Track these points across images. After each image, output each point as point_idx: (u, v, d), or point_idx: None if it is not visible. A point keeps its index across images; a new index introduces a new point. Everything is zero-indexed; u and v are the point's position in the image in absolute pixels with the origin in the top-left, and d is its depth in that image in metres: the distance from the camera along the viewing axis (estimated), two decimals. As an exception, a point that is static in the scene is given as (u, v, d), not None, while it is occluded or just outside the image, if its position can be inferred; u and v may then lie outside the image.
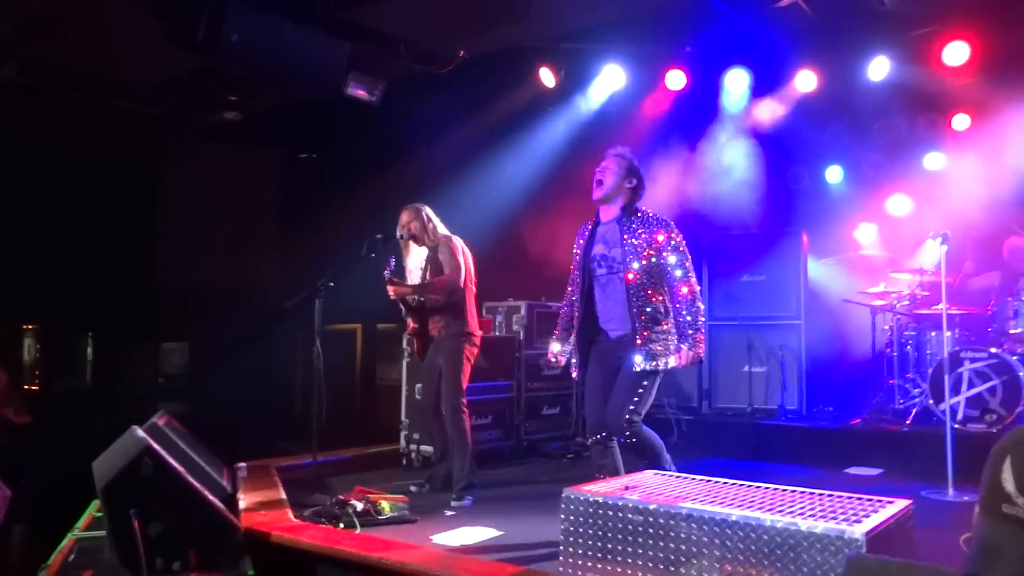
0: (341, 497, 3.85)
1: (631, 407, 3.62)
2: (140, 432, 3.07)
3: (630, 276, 3.66)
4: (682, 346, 3.66)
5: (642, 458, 3.73)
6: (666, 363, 3.65)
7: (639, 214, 3.78)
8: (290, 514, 3.74)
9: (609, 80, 7.05)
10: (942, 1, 5.98)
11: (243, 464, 4.44)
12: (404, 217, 4.77)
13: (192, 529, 2.95)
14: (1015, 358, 5.45)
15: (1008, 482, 1.00)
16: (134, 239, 7.57)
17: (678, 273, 3.69)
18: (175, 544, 2.88)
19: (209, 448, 4.21)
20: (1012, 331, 5.72)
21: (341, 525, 3.62)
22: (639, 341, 3.62)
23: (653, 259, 3.67)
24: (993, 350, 5.52)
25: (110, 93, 7.05)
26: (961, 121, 7.09)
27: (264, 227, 7.89)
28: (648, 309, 3.65)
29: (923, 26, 6.21)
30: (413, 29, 6.57)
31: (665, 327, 3.68)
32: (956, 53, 6.21)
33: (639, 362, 3.61)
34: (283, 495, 4.09)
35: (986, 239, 6.60)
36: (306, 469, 4.58)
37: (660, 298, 3.70)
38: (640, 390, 3.64)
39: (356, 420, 6.81)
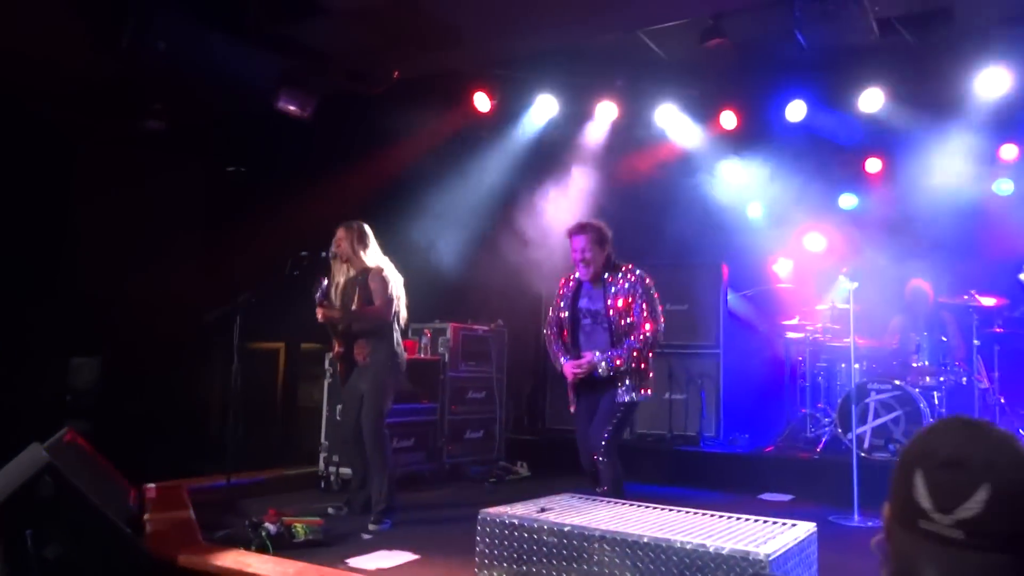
0: (254, 519, 3.75)
1: (609, 429, 4.13)
2: (41, 450, 2.94)
3: (613, 327, 4.18)
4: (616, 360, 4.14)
5: (599, 485, 4.10)
6: (645, 395, 4.22)
7: (618, 270, 4.26)
8: (200, 537, 3.62)
9: (543, 109, 7.18)
10: (858, 50, 6.31)
11: (152, 485, 4.29)
12: (339, 234, 4.72)
13: (94, 553, 2.84)
14: (917, 390, 5.73)
15: (923, 498, 1.00)
16: (44, 247, 7.25)
17: (645, 314, 4.18)
18: (75, 568, 2.76)
19: (116, 468, 4.04)
20: (915, 364, 6.03)
21: (253, 548, 3.53)
22: (619, 377, 4.14)
23: (630, 307, 4.17)
24: (897, 382, 5.79)
25: (26, 94, 6.78)
26: (873, 164, 7.48)
27: (186, 240, 7.66)
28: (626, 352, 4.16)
29: (840, 72, 6.54)
30: (347, 48, 6.56)
31: (644, 366, 4.22)
32: (871, 100, 6.56)
33: (620, 394, 4.14)
34: (192, 517, 3.96)
35: (894, 278, 6.95)
36: (219, 491, 4.45)
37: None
38: (617, 417, 4.17)
39: (274, 441, 6.63)
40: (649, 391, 4.29)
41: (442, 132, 7.28)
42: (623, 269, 4.27)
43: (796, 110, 6.79)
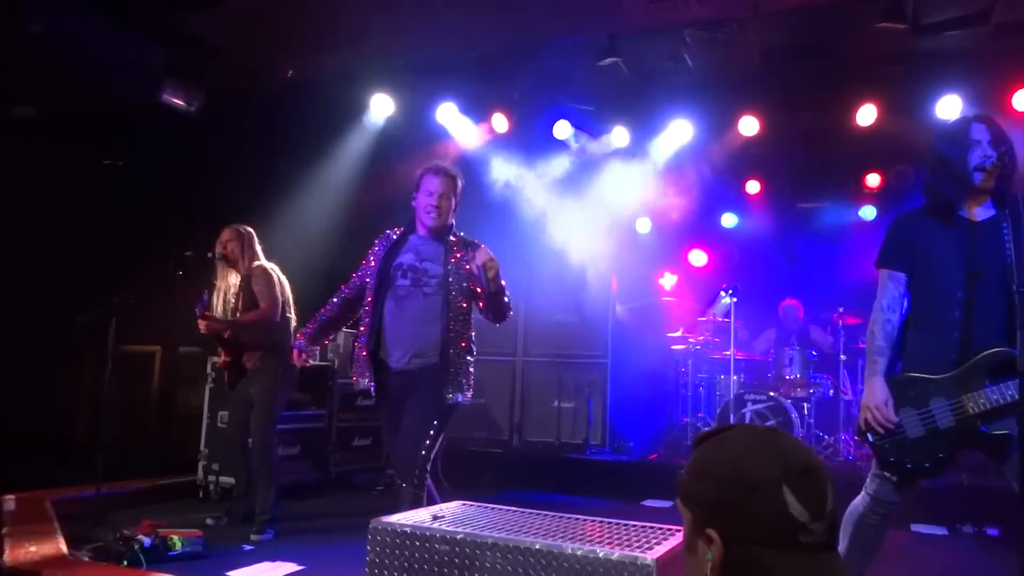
0: (126, 532, 3.54)
1: (428, 442, 3.31)
2: None
3: (449, 295, 3.39)
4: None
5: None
6: (468, 399, 3.46)
7: (461, 236, 3.57)
8: (66, 551, 3.39)
9: (443, 116, 7.17)
10: (739, 77, 6.66)
11: (11, 496, 3.98)
12: (225, 235, 4.54)
13: (-57, 569, 2.60)
14: (789, 401, 6.08)
15: (798, 512, 1.02)
16: None
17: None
18: (-81, 586, 2.53)
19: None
20: (787, 377, 6.41)
21: (125, 563, 3.33)
22: (451, 370, 3.35)
23: (477, 279, 3.38)
24: (771, 393, 6.13)
25: None
26: (753, 186, 7.90)
27: (58, 235, 7.19)
28: (465, 334, 3.43)
29: (722, 98, 6.87)
30: (239, 43, 6.35)
31: (471, 359, 3.48)
32: (748, 125, 6.93)
33: (448, 395, 3.35)
34: (58, 530, 3.70)
35: (769, 294, 7.35)
36: (87, 502, 4.17)
37: (471, 327, 3.48)
38: (440, 425, 3.36)
39: (149, 449, 6.30)
40: (471, 393, 3.51)
41: (335, 133, 7.15)
42: (461, 235, 3.57)
43: (681, 130, 7.06)
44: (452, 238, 3.53)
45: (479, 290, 3.40)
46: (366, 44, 6.26)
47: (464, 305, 3.44)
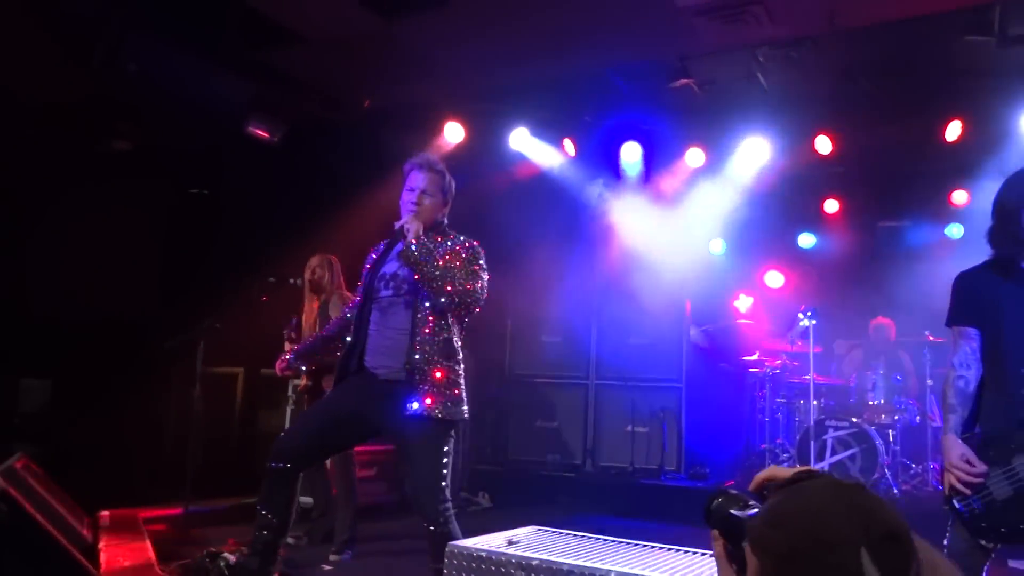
0: (213, 549, 3.66)
1: (437, 481, 3.05)
2: (-5, 474, 2.85)
3: (420, 298, 3.08)
4: None
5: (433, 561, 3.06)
6: (457, 412, 3.13)
7: (447, 236, 3.25)
8: (156, 567, 3.53)
9: (515, 141, 7.25)
10: (815, 94, 6.52)
11: (106, 512, 4.16)
12: (314, 261, 4.68)
13: (46, 581, 2.75)
14: (873, 428, 5.86)
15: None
16: (-2, 267, 7.07)
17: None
18: (26, 597, 2.67)
19: (69, 495, 3.93)
20: (871, 402, 6.17)
21: (211, 579, 3.45)
22: (418, 378, 3.03)
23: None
24: (854, 419, 5.91)
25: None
26: (831, 205, 7.70)
27: (146, 262, 7.54)
28: (437, 340, 3.09)
29: (797, 116, 6.74)
30: (320, 76, 6.59)
31: (447, 364, 3.12)
32: (825, 144, 6.78)
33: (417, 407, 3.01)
34: (149, 546, 3.85)
35: (850, 316, 7.13)
36: (176, 519, 4.34)
37: (452, 331, 3.17)
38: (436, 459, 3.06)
39: (233, 469, 6.49)
40: (463, 407, 3.16)
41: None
42: (452, 236, 3.24)
43: (759, 149, 6.96)
44: (437, 238, 3.20)
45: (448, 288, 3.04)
46: (438, 73, 6.40)
47: (433, 306, 3.10)
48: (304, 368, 3.81)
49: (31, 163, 7.18)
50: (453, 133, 7.14)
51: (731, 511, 1.16)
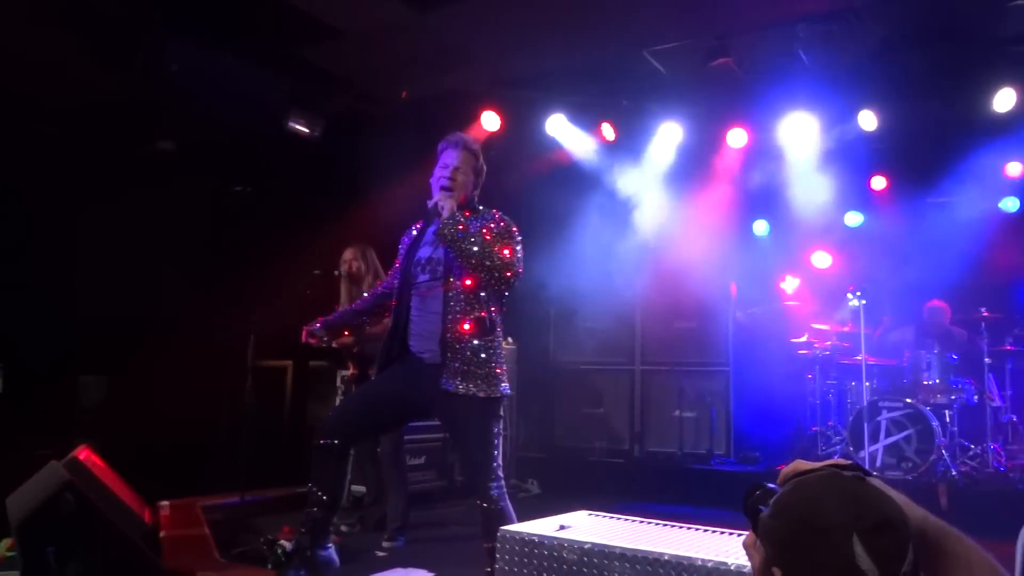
0: (269, 537, 3.74)
1: (486, 462, 3.07)
2: (60, 467, 2.94)
3: (451, 279, 3.08)
4: None
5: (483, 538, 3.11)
6: (497, 390, 3.08)
7: (478, 213, 3.22)
8: (216, 554, 3.62)
9: (552, 127, 7.21)
10: (858, 68, 6.37)
11: (166, 502, 4.28)
12: (348, 254, 4.74)
13: (113, 569, 2.83)
14: (929, 408, 5.72)
15: (867, 566, 1.00)
16: (51, 268, 7.27)
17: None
18: (94, 585, 2.75)
19: (130, 485, 4.04)
20: (926, 382, 6.02)
21: (269, 566, 3.52)
22: (455, 359, 3.03)
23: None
24: (908, 400, 5.78)
25: (35, 116, 6.83)
26: (878, 182, 7.51)
27: (193, 259, 7.69)
28: (471, 318, 3.07)
29: (842, 90, 6.59)
30: (356, 68, 6.64)
31: (484, 343, 3.08)
32: (868, 119, 6.61)
33: (457, 387, 3.01)
34: (208, 535, 3.95)
35: (900, 295, 6.96)
36: (232, 508, 4.44)
37: (490, 309, 3.14)
38: (485, 438, 3.07)
39: (284, 459, 6.62)
40: (503, 385, 3.13)
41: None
42: (483, 211, 3.22)
43: (795, 127, 6.83)
44: (467, 213, 3.18)
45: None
46: (473, 62, 6.40)
47: (468, 284, 3.09)
48: (327, 339, 3.82)
49: (78, 166, 7.37)
50: (490, 121, 7.13)
51: (759, 505, 1.19)
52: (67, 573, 2.65)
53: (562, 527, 3.17)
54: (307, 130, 6.88)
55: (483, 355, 3.06)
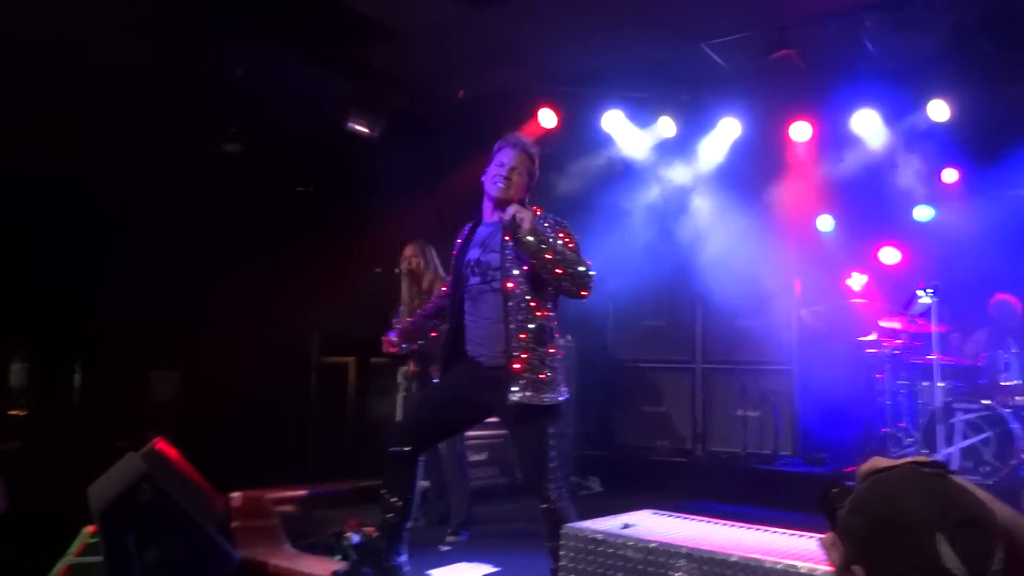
0: (337, 529, 3.82)
1: (544, 464, 3.07)
2: (138, 458, 3.04)
3: (509, 285, 3.06)
4: None
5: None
6: (555, 397, 3.08)
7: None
8: (286, 545, 3.70)
9: (609, 123, 7.17)
10: (927, 57, 6.16)
11: (237, 494, 4.38)
12: (408, 251, 4.79)
13: (189, 558, 2.92)
14: (1008, 410, 5.49)
15: (954, 564, 0.96)
16: (126, 268, 7.54)
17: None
18: (171, 572, 2.84)
19: (203, 477, 4.15)
20: (1004, 383, 5.78)
21: (337, 557, 3.58)
22: (517, 366, 3.00)
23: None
24: (985, 402, 5.56)
25: (101, 120, 7.08)
26: (949, 175, 7.26)
27: (258, 258, 7.88)
28: (531, 326, 3.06)
29: (909, 82, 6.39)
30: (413, 68, 6.70)
31: (544, 350, 3.08)
32: (939, 110, 6.39)
33: (517, 397, 3.00)
34: (279, 525, 4.04)
35: (974, 291, 6.71)
36: (300, 500, 4.53)
37: (546, 313, 3.13)
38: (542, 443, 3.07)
39: (348, 454, 6.74)
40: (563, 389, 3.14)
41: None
42: (541, 214, 3.16)
43: (867, 119, 6.65)
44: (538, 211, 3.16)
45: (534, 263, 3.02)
46: (530, 59, 6.40)
47: (525, 290, 3.08)
48: (407, 346, 3.87)
49: (148, 168, 7.62)
50: (547, 118, 7.12)
51: (837, 503, 1.17)
52: (146, 559, 2.74)
53: (626, 525, 3.14)
54: (366, 130, 6.98)
55: (546, 362, 3.07)
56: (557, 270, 2.98)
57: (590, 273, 3.05)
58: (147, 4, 5.60)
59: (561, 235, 3.11)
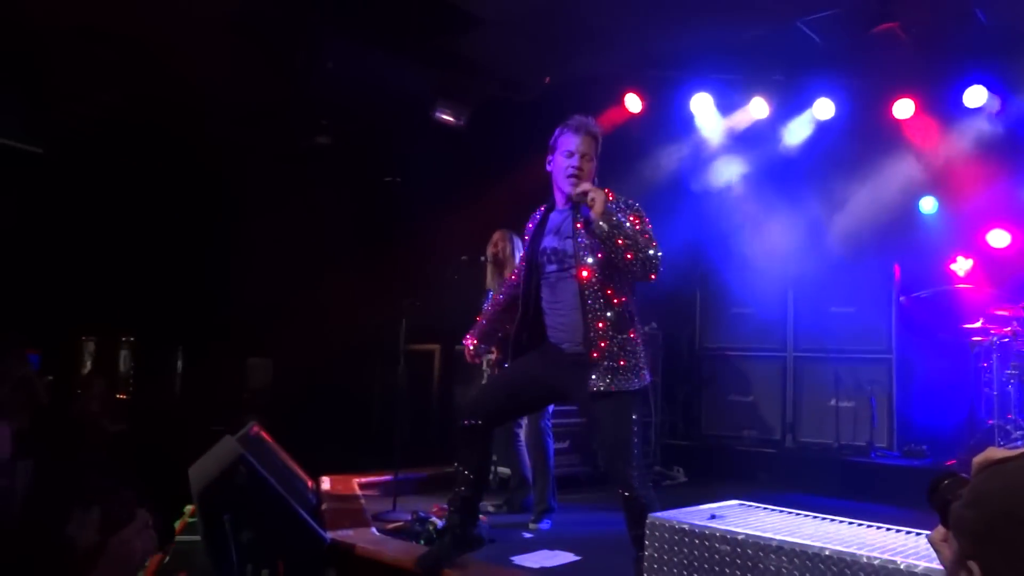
0: (422, 514, 3.89)
1: (628, 451, 3.04)
2: (235, 442, 3.17)
3: (584, 274, 3.04)
4: None
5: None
6: (636, 382, 3.04)
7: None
8: (374, 529, 3.79)
9: (697, 107, 7.00)
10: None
11: (326, 477, 4.53)
12: (496, 237, 4.81)
13: (281, 538, 3.03)
14: None
15: None
16: (224, 260, 7.87)
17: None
18: (265, 552, 2.96)
19: (295, 461, 4.30)
20: None
21: (422, 541, 3.65)
22: (596, 354, 3.00)
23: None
24: (1105, 393, 5.19)
25: (200, 117, 7.37)
26: (1068, 151, 6.77)
27: (348, 248, 8.08)
28: (608, 314, 3.04)
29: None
30: (499, 57, 6.71)
31: (624, 336, 3.05)
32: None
33: (600, 386, 2.98)
34: (366, 509, 4.15)
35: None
36: (386, 485, 4.64)
37: (623, 299, 3.09)
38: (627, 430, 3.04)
39: (434, 440, 6.86)
40: (644, 374, 3.10)
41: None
42: (610, 196, 3.07)
43: (976, 96, 6.26)
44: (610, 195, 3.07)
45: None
46: (615, 43, 6.30)
47: (601, 278, 3.04)
48: (484, 346, 3.91)
49: (243, 161, 7.92)
50: (633, 103, 7.01)
51: (949, 496, 1.10)
52: (241, 539, 2.86)
53: (713, 516, 3.08)
54: (453, 119, 7.04)
55: (626, 348, 3.04)
56: (628, 255, 2.94)
57: (659, 254, 3.00)
58: (243, 1, 5.78)
59: (632, 218, 3.05)
